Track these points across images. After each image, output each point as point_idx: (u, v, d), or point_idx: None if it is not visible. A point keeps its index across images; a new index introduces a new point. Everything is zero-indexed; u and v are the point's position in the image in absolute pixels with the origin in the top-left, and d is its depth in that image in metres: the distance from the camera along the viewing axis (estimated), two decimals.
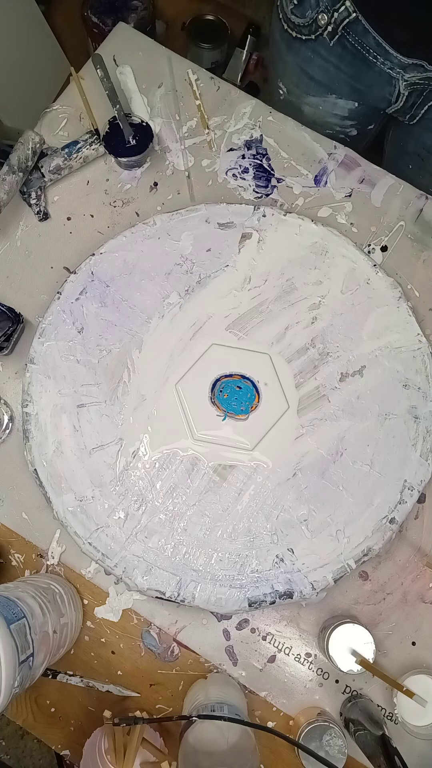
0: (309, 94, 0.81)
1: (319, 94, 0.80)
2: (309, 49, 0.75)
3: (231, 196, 0.76)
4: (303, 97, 0.82)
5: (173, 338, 0.69)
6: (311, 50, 0.75)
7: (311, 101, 0.81)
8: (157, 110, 0.78)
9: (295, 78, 0.81)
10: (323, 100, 0.80)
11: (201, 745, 0.53)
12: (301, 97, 0.82)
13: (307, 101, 0.82)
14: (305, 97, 0.82)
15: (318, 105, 0.81)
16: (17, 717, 0.66)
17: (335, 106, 0.81)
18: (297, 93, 0.83)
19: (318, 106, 0.81)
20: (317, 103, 0.81)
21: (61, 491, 0.65)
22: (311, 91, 0.80)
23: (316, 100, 0.81)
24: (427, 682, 0.62)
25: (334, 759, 0.58)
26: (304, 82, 0.80)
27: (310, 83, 0.79)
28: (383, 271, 0.71)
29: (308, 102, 0.82)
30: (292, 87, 0.83)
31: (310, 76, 0.78)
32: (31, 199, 0.74)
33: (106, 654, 0.66)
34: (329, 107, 0.81)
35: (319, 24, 0.70)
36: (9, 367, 0.72)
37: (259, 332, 0.69)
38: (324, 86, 0.78)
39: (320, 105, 0.81)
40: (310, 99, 0.81)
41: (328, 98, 0.80)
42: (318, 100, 0.81)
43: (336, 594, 0.66)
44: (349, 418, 0.67)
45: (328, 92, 0.79)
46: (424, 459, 0.66)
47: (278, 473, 0.65)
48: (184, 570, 0.63)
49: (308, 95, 0.81)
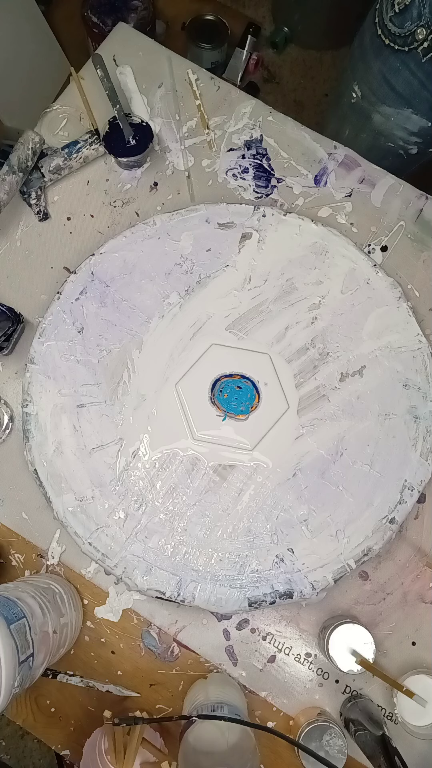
0: (385, 104, 0.80)
1: (396, 105, 0.78)
2: (398, 60, 0.73)
3: (231, 196, 0.76)
4: (377, 105, 0.81)
5: (173, 338, 0.69)
6: (400, 61, 0.73)
7: (385, 111, 0.80)
8: (157, 110, 0.78)
9: (375, 84, 0.79)
10: (398, 112, 0.79)
11: (201, 745, 0.53)
12: (376, 105, 0.81)
13: (380, 110, 0.80)
14: (380, 105, 0.80)
15: (391, 116, 0.80)
16: (17, 717, 0.66)
17: (408, 121, 0.79)
18: (372, 100, 0.81)
19: (390, 117, 0.80)
20: (391, 114, 0.80)
21: (61, 491, 0.65)
22: (388, 102, 0.79)
23: (390, 111, 0.80)
24: (427, 682, 0.62)
25: (334, 759, 0.58)
26: (384, 90, 0.78)
27: (390, 93, 0.78)
28: (383, 271, 0.71)
29: (381, 111, 0.80)
30: (368, 93, 0.81)
31: (391, 86, 0.77)
32: (31, 199, 0.74)
33: (106, 654, 0.66)
34: (402, 120, 0.80)
35: (417, 38, 0.68)
36: (9, 367, 0.72)
37: (259, 332, 0.69)
38: (404, 99, 0.77)
39: (393, 116, 0.80)
40: (385, 108, 0.80)
41: (404, 111, 0.78)
42: (392, 111, 0.79)
43: (336, 594, 0.66)
44: (349, 418, 0.67)
45: (406, 106, 0.78)
46: (424, 459, 0.66)
47: (278, 473, 0.65)
48: (184, 570, 0.63)
49: (384, 104, 0.80)
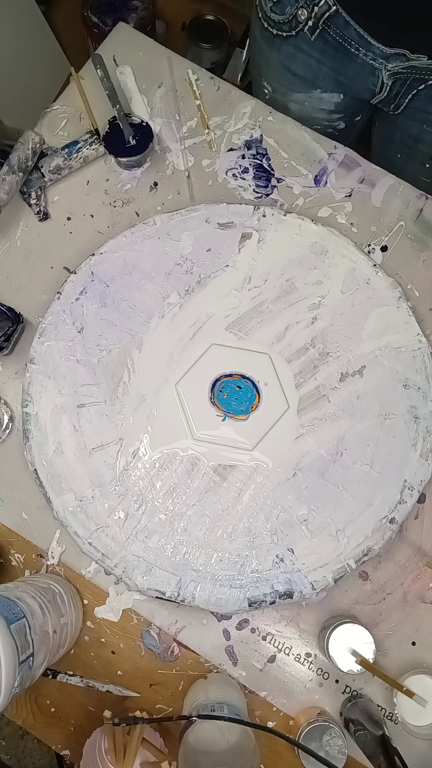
0: (294, 91, 0.81)
1: (303, 90, 0.80)
2: (290, 46, 0.75)
3: (231, 196, 0.76)
4: (288, 94, 0.82)
5: (173, 338, 0.69)
6: (293, 46, 0.75)
7: (297, 98, 0.81)
8: (157, 110, 0.78)
9: (279, 76, 0.81)
10: (308, 96, 0.80)
11: (201, 745, 0.53)
12: (287, 95, 0.82)
13: (292, 98, 0.82)
14: (290, 94, 0.82)
15: (304, 101, 0.81)
16: (17, 717, 0.66)
17: (321, 101, 0.81)
18: (282, 91, 0.82)
19: (304, 102, 0.81)
20: (303, 99, 0.81)
21: (61, 491, 0.65)
22: (296, 88, 0.80)
23: (301, 97, 0.81)
24: (427, 682, 0.62)
25: (334, 759, 0.58)
26: (288, 79, 0.80)
27: (294, 80, 0.79)
28: (383, 271, 0.71)
29: (294, 99, 0.82)
30: (276, 85, 0.83)
31: (293, 73, 0.78)
32: (31, 199, 0.74)
33: (106, 654, 0.66)
34: (315, 102, 0.81)
35: (299, 19, 0.70)
36: (9, 367, 0.72)
37: (259, 332, 0.69)
38: (308, 82, 0.78)
39: (306, 101, 0.81)
40: (296, 96, 0.81)
41: (313, 93, 0.80)
42: (303, 96, 0.81)
43: (336, 594, 0.66)
44: (349, 418, 0.67)
45: (313, 87, 0.79)
46: (424, 459, 0.66)
47: (278, 473, 0.65)
48: (184, 570, 0.63)
49: (293, 92, 0.81)
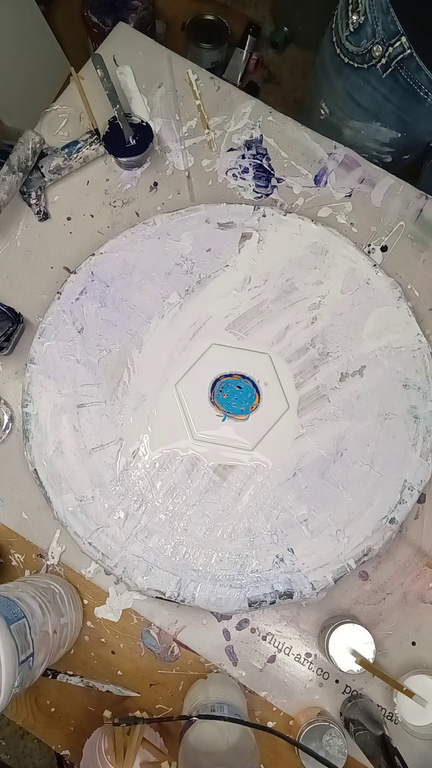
0: (353, 119, 0.80)
1: (364, 120, 0.79)
2: (360, 77, 0.74)
3: (231, 196, 0.76)
4: (346, 120, 0.81)
5: (173, 338, 0.69)
6: (362, 78, 0.74)
7: (354, 125, 0.81)
8: (157, 110, 0.78)
9: (341, 102, 0.80)
10: (367, 126, 0.80)
11: (201, 745, 0.53)
12: (344, 120, 0.82)
13: (350, 125, 0.81)
14: (348, 120, 0.81)
15: (360, 129, 0.81)
16: (17, 717, 0.66)
17: (378, 133, 0.80)
18: (340, 116, 0.82)
19: (360, 131, 0.81)
20: (360, 127, 0.81)
21: (61, 491, 0.65)
22: (356, 117, 0.80)
23: (359, 125, 0.80)
24: (427, 682, 0.62)
25: (334, 759, 0.58)
26: (350, 106, 0.79)
27: (357, 109, 0.79)
28: (383, 271, 0.71)
29: (351, 126, 0.81)
30: (335, 109, 0.82)
31: (357, 102, 0.78)
32: (31, 199, 0.74)
33: (106, 654, 0.66)
34: (372, 133, 0.81)
35: (374, 55, 0.69)
36: (9, 367, 0.72)
37: (259, 332, 0.69)
38: (370, 114, 0.78)
39: (363, 130, 0.81)
40: (354, 123, 0.81)
41: (372, 125, 0.79)
42: (361, 125, 0.80)
43: (336, 594, 0.66)
44: (349, 418, 0.67)
45: (374, 120, 0.78)
46: (424, 459, 0.66)
47: (278, 473, 0.65)
48: (184, 570, 0.63)
49: (352, 119, 0.81)
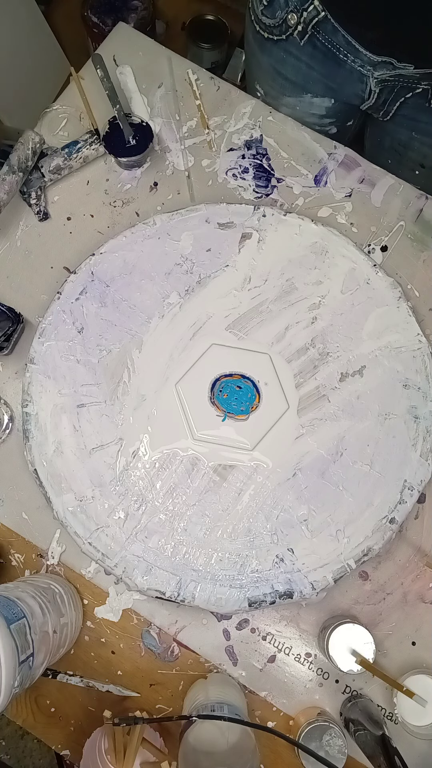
0: (285, 95, 0.81)
1: (294, 94, 0.80)
2: (281, 50, 0.75)
3: (231, 196, 0.76)
4: (280, 98, 0.82)
5: (173, 338, 0.69)
6: (283, 50, 0.75)
7: (288, 102, 0.82)
8: (157, 110, 0.78)
9: (270, 79, 0.81)
10: (299, 100, 0.81)
11: (201, 745, 0.53)
12: (278, 98, 0.82)
13: (284, 102, 0.82)
14: (282, 98, 0.82)
15: (295, 105, 0.82)
16: (17, 717, 0.66)
17: (312, 105, 0.81)
18: (273, 94, 0.83)
19: (295, 107, 0.82)
20: (294, 103, 0.81)
21: (61, 491, 0.65)
22: (287, 92, 0.81)
23: (292, 101, 0.81)
24: (427, 682, 0.62)
25: (334, 759, 0.58)
26: (279, 82, 0.80)
27: (285, 83, 0.80)
28: (383, 271, 0.71)
29: (285, 103, 0.82)
30: (268, 88, 0.83)
31: (284, 77, 0.79)
32: (31, 199, 0.74)
33: (106, 654, 0.66)
34: (306, 107, 0.81)
35: (289, 24, 0.70)
36: (9, 367, 0.72)
37: (259, 332, 0.69)
38: (298, 86, 0.79)
39: (297, 105, 0.81)
40: (287, 99, 0.82)
41: (304, 98, 0.80)
42: (294, 101, 0.81)
43: (336, 594, 0.66)
44: (349, 418, 0.67)
45: (303, 92, 0.79)
46: (424, 459, 0.66)
47: (278, 473, 0.65)
48: (184, 570, 0.63)
49: (285, 96, 0.81)
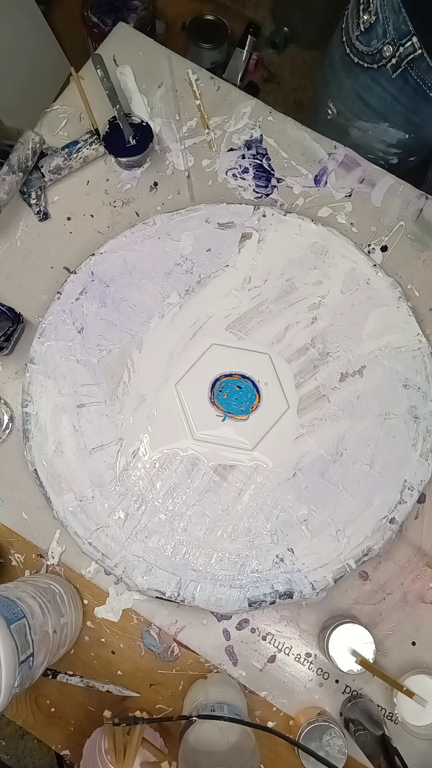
0: (361, 119, 0.80)
1: (372, 120, 0.79)
2: (369, 77, 0.74)
3: (231, 196, 0.76)
4: (354, 120, 0.81)
5: (173, 338, 0.69)
6: (371, 78, 0.74)
7: (362, 126, 0.81)
8: (157, 110, 0.78)
9: (349, 102, 0.80)
10: (375, 127, 0.80)
11: (201, 745, 0.53)
12: (352, 120, 0.81)
13: (357, 125, 0.81)
14: (356, 121, 0.81)
15: (368, 130, 0.81)
16: (17, 717, 0.66)
17: (386, 134, 0.80)
18: (348, 116, 0.82)
19: (368, 131, 0.81)
20: (368, 128, 0.80)
21: (61, 491, 0.65)
22: (364, 117, 0.80)
23: (367, 126, 0.80)
24: (427, 682, 0.62)
25: (334, 759, 0.58)
26: (358, 107, 0.79)
27: (365, 109, 0.78)
28: (383, 271, 0.71)
29: (358, 126, 0.81)
30: (343, 109, 0.82)
31: (365, 102, 0.78)
32: (31, 199, 0.74)
33: (106, 654, 0.66)
34: (379, 134, 0.80)
35: (384, 55, 0.69)
36: (9, 367, 0.72)
37: (259, 332, 0.69)
38: (379, 114, 0.78)
39: (370, 130, 0.80)
40: (361, 124, 0.80)
41: (380, 125, 0.79)
42: (369, 126, 0.80)
43: (336, 594, 0.66)
44: (349, 418, 0.67)
45: (382, 120, 0.78)
46: (424, 459, 0.66)
47: (278, 473, 0.65)
48: (184, 570, 0.63)
49: (360, 120, 0.80)
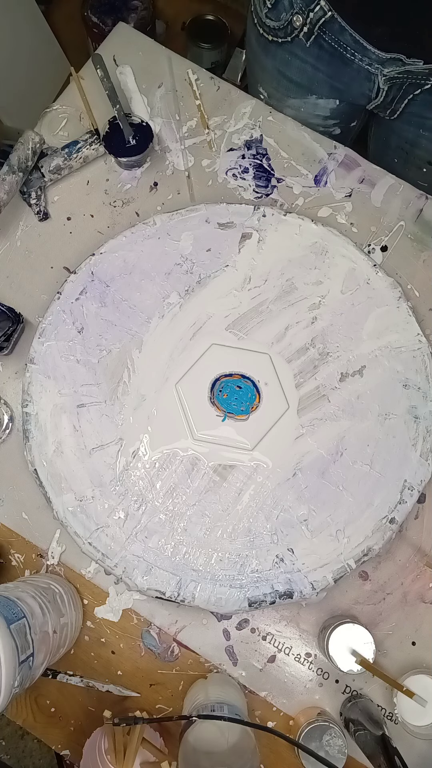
0: (289, 97, 0.81)
1: (299, 95, 0.80)
2: (286, 52, 0.75)
3: (231, 196, 0.76)
4: (284, 99, 0.82)
5: (173, 338, 0.69)
6: (288, 52, 0.75)
7: (292, 103, 0.81)
8: (157, 110, 0.78)
9: (274, 81, 0.81)
10: (304, 102, 0.80)
11: (201, 745, 0.53)
12: (282, 100, 0.82)
13: (288, 104, 0.82)
14: (286, 99, 0.81)
15: (299, 107, 0.81)
16: (17, 717, 0.66)
17: (317, 107, 0.81)
18: (277, 96, 0.82)
19: (300, 108, 0.81)
20: (298, 105, 0.81)
21: (61, 491, 0.65)
22: (291, 94, 0.80)
23: (297, 102, 0.81)
24: (427, 682, 0.62)
25: (334, 759, 0.58)
26: (284, 84, 0.80)
27: (290, 85, 0.79)
28: (383, 271, 0.71)
29: (290, 104, 0.81)
30: (272, 90, 0.83)
31: (289, 79, 0.78)
32: (31, 199, 0.74)
33: (106, 654, 0.66)
34: (311, 108, 0.81)
35: (295, 26, 0.70)
36: (9, 367, 0.72)
37: (259, 332, 0.69)
38: (303, 87, 0.78)
39: (302, 107, 0.81)
40: (291, 101, 0.81)
41: (309, 99, 0.80)
42: (299, 102, 0.81)
43: (336, 594, 0.66)
44: (349, 418, 0.67)
45: (308, 93, 0.79)
46: (424, 459, 0.66)
47: (278, 473, 0.65)
48: (184, 570, 0.63)
49: (289, 98, 0.81)
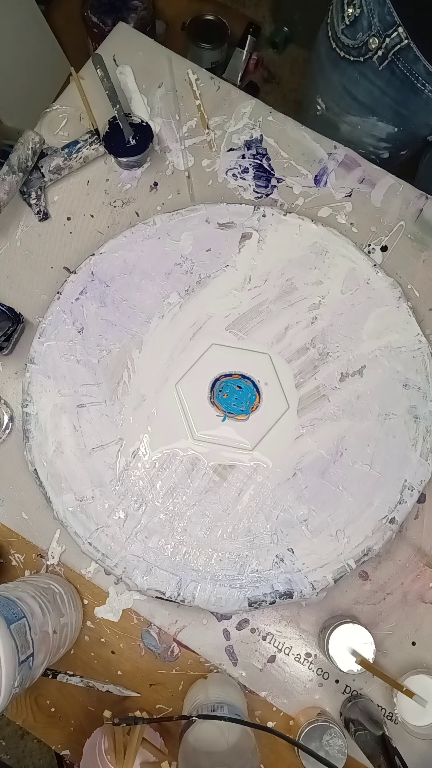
0: (350, 114, 0.80)
1: (360, 114, 0.79)
2: (356, 71, 0.74)
3: (231, 196, 0.76)
4: (343, 115, 0.81)
5: (173, 338, 0.69)
6: (358, 72, 0.74)
7: (351, 120, 0.80)
8: (157, 110, 0.78)
9: (337, 96, 0.80)
10: (363, 121, 0.79)
11: (201, 745, 0.53)
12: (341, 116, 0.81)
13: (346, 120, 0.81)
14: (345, 115, 0.81)
15: (357, 125, 0.80)
16: (17, 717, 0.66)
17: (375, 128, 0.80)
18: (336, 111, 0.82)
19: (357, 126, 0.81)
20: (356, 122, 0.80)
21: (61, 491, 0.65)
22: (353, 111, 0.79)
23: (356, 120, 0.80)
24: (427, 682, 0.62)
25: (334, 759, 0.58)
26: (346, 101, 0.79)
27: (353, 103, 0.78)
28: (383, 271, 0.71)
29: (347, 121, 0.81)
30: (332, 104, 0.82)
31: (353, 97, 0.78)
32: (31, 199, 0.74)
33: (106, 654, 0.66)
34: (368, 128, 0.80)
35: (370, 47, 0.69)
36: (9, 367, 0.72)
37: (259, 332, 0.69)
38: (367, 108, 0.78)
39: (359, 125, 0.80)
40: (350, 118, 0.80)
41: (369, 119, 0.79)
42: (358, 120, 0.80)
43: (336, 594, 0.66)
44: (349, 418, 0.67)
45: (370, 114, 0.78)
46: (424, 459, 0.66)
47: (278, 473, 0.65)
48: (184, 570, 0.63)
49: (348, 114, 0.80)
